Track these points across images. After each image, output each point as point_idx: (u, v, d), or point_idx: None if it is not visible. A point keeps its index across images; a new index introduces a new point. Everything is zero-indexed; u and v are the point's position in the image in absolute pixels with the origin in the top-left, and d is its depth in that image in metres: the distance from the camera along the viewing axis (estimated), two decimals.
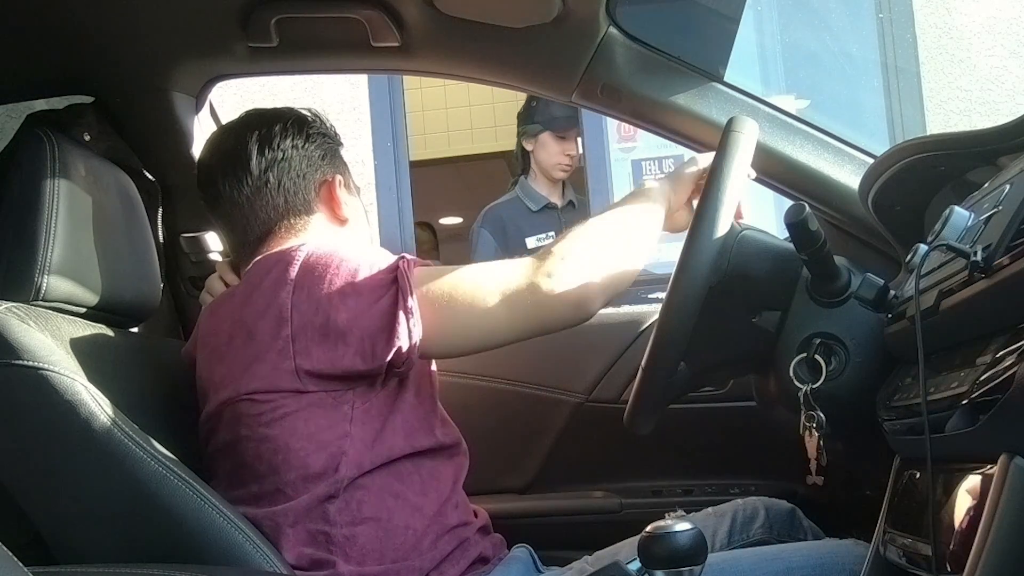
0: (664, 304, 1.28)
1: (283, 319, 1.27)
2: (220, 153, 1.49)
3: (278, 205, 1.45)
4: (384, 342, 1.26)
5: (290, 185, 1.46)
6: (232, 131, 1.51)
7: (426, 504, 1.33)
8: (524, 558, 1.41)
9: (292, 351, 1.26)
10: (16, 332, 1.16)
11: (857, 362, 1.24)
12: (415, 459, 1.34)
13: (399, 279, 1.28)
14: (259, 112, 1.53)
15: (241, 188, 1.45)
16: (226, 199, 1.46)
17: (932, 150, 1.27)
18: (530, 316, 1.32)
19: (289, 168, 1.46)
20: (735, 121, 1.31)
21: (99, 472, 1.15)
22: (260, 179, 1.45)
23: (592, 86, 1.69)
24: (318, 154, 1.49)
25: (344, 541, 1.27)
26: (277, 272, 1.30)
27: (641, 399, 1.35)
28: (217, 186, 1.47)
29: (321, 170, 1.49)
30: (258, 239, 1.45)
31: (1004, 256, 0.87)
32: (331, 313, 1.26)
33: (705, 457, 1.96)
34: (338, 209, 1.49)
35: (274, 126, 1.48)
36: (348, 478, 1.28)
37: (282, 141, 1.47)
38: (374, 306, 1.27)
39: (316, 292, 1.27)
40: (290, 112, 1.53)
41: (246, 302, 1.32)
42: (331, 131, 1.56)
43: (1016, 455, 0.81)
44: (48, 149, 1.30)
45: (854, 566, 1.22)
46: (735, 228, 1.29)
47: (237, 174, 1.45)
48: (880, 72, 3.97)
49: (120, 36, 1.61)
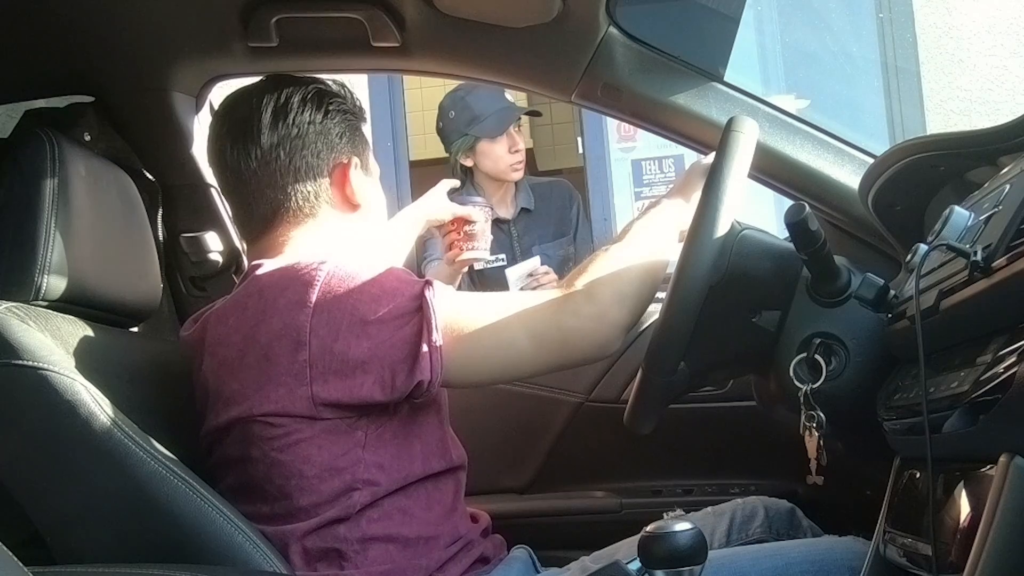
0: (664, 304, 1.28)
1: (301, 343, 1.21)
2: (231, 120, 1.40)
3: (286, 184, 1.37)
4: (406, 373, 1.22)
5: (301, 164, 1.37)
6: (247, 97, 1.41)
7: (431, 517, 1.32)
8: (524, 558, 1.41)
9: (309, 377, 1.22)
10: (16, 332, 1.16)
11: (857, 362, 1.24)
12: (424, 480, 1.32)
13: (424, 308, 1.23)
14: (279, 79, 1.43)
15: (248, 161, 1.36)
16: (231, 169, 1.38)
17: (932, 150, 1.27)
18: (555, 353, 1.30)
19: (303, 146, 1.37)
20: (735, 121, 1.31)
21: (99, 472, 1.15)
22: (270, 154, 1.36)
23: (592, 86, 1.69)
24: (336, 132, 1.40)
25: (355, 555, 1.26)
26: (296, 292, 1.24)
27: (641, 399, 1.35)
28: (224, 154, 1.39)
29: (337, 151, 1.40)
30: (263, 218, 1.38)
31: (1004, 256, 0.87)
32: (352, 341, 1.21)
33: (705, 457, 1.96)
34: (350, 194, 1.41)
35: (293, 97, 1.39)
36: (362, 503, 1.26)
37: (299, 115, 1.37)
38: (396, 334, 1.23)
39: (337, 318, 1.22)
40: (312, 82, 1.43)
41: (261, 319, 1.25)
42: (354, 107, 1.46)
43: (1016, 455, 0.81)
44: (48, 149, 1.30)
45: (853, 563, 1.22)
46: (735, 228, 1.29)
47: (246, 145, 1.36)
48: (880, 72, 3.97)
49: (120, 36, 1.61)
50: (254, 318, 1.26)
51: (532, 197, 3.13)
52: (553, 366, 1.34)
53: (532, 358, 1.30)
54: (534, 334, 1.28)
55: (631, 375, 1.55)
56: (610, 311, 1.29)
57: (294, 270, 1.27)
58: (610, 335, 1.30)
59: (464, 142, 3.01)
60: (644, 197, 3.81)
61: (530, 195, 3.13)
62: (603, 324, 1.29)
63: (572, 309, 1.29)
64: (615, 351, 1.34)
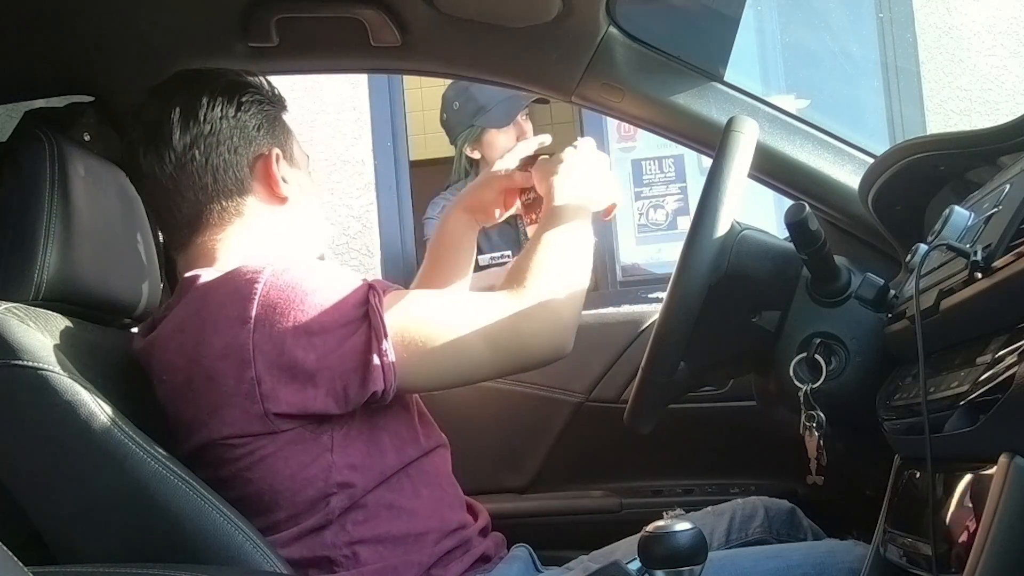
0: (664, 304, 1.28)
1: (245, 361, 1.18)
2: (142, 124, 1.35)
3: (206, 185, 1.32)
4: (358, 385, 1.19)
5: (219, 162, 1.32)
6: (155, 99, 1.35)
7: (420, 507, 1.30)
8: (524, 557, 1.41)
9: (259, 394, 1.18)
10: (16, 332, 1.15)
11: (857, 362, 1.24)
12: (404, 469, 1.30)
13: (371, 316, 1.20)
14: (186, 77, 1.38)
15: (163, 165, 1.31)
16: (148, 176, 1.33)
17: (932, 150, 1.27)
18: (512, 357, 1.29)
19: (217, 143, 1.32)
20: (735, 121, 1.31)
21: (99, 472, 1.15)
22: (184, 156, 1.31)
23: (592, 86, 1.69)
24: (252, 124, 1.35)
25: (345, 560, 1.25)
26: (234, 308, 1.19)
27: (641, 399, 1.35)
28: (138, 160, 1.34)
29: (255, 143, 1.35)
30: (187, 223, 1.34)
31: (1004, 256, 0.87)
32: (298, 352, 1.18)
33: (705, 457, 1.96)
34: (275, 187, 1.36)
35: (201, 95, 1.33)
36: (341, 508, 1.25)
37: (209, 112, 1.32)
38: (344, 344, 1.19)
39: (279, 331, 1.18)
40: (221, 76, 1.38)
41: (201, 339, 1.21)
42: (270, 95, 1.40)
43: (1016, 455, 0.81)
44: (47, 149, 1.30)
45: (853, 565, 1.22)
46: (735, 228, 1.29)
47: (159, 149, 1.31)
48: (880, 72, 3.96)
49: (120, 36, 1.61)
50: (194, 339, 1.23)
51: None
52: (509, 370, 1.36)
53: (490, 363, 1.29)
54: (491, 340, 1.26)
55: (631, 375, 1.54)
56: (559, 310, 1.29)
57: (232, 282, 1.23)
58: (565, 336, 1.30)
59: (470, 133, 2.94)
60: (644, 197, 3.80)
61: None
62: (558, 327, 1.29)
63: (525, 313, 1.26)
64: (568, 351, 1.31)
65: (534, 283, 1.28)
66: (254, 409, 1.20)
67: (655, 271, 3.64)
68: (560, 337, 1.30)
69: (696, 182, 3.67)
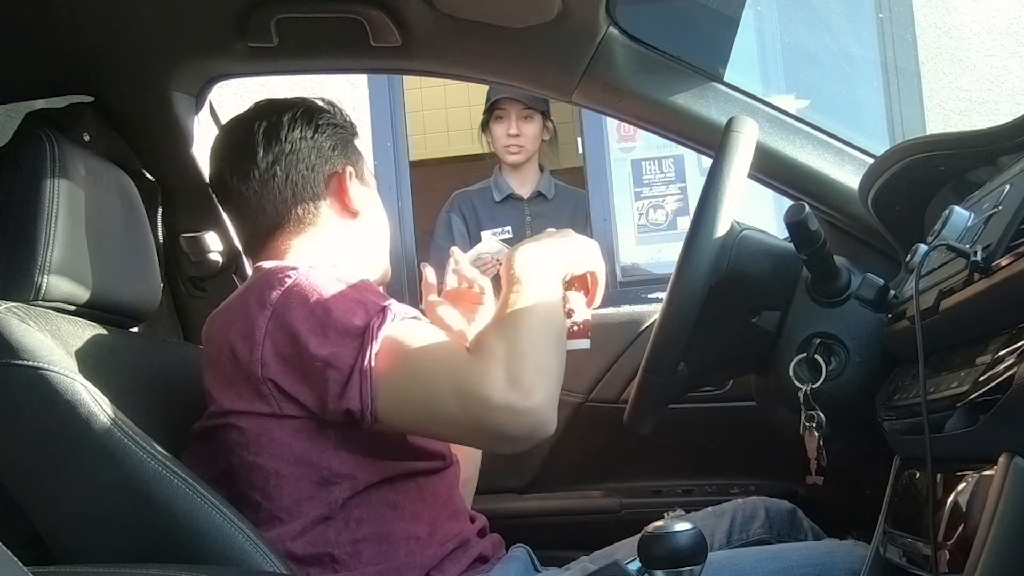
0: (664, 304, 1.28)
1: (256, 342, 1.25)
2: (228, 146, 1.48)
3: (286, 198, 1.43)
4: (336, 396, 1.21)
5: (298, 178, 1.43)
6: (241, 123, 1.48)
7: (423, 511, 1.32)
8: (523, 557, 1.41)
9: (261, 374, 1.25)
10: (16, 332, 1.16)
11: (857, 362, 1.24)
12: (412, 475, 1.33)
13: (366, 334, 1.22)
14: (269, 103, 1.51)
15: (248, 182, 1.43)
16: (235, 193, 1.45)
17: (932, 150, 1.27)
18: (492, 442, 1.27)
19: (297, 160, 1.43)
20: (735, 121, 1.31)
21: (99, 472, 1.15)
22: (267, 172, 1.43)
23: (592, 86, 1.69)
24: (328, 145, 1.47)
25: (347, 558, 1.27)
26: (261, 292, 1.28)
27: (641, 399, 1.35)
28: (225, 179, 1.46)
29: (331, 162, 1.46)
30: (267, 232, 1.44)
31: (1004, 256, 0.88)
32: (301, 347, 1.23)
33: (705, 457, 1.96)
34: (348, 201, 1.46)
35: (283, 117, 1.45)
36: (343, 498, 1.27)
37: (290, 132, 1.44)
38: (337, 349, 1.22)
39: (291, 322, 1.24)
40: (301, 102, 1.50)
41: (234, 318, 1.30)
42: (343, 121, 1.52)
43: (1016, 455, 0.81)
44: (48, 149, 1.30)
45: (854, 566, 1.22)
46: (735, 228, 1.29)
47: (245, 168, 1.43)
48: (880, 72, 3.96)
49: (120, 36, 1.61)
50: (231, 316, 1.32)
51: (552, 187, 3.27)
52: (484, 441, 1.32)
53: (463, 424, 1.20)
54: (461, 400, 1.19)
55: (631, 375, 1.55)
56: (545, 401, 1.22)
57: (271, 273, 1.31)
58: (547, 426, 1.22)
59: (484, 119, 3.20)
60: (644, 197, 3.80)
61: (551, 184, 3.27)
62: (539, 414, 1.21)
63: (512, 407, 1.18)
64: (549, 433, 1.23)
65: (525, 376, 1.20)
66: (262, 389, 1.26)
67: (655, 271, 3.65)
68: (544, 430, 1.22)
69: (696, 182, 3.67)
